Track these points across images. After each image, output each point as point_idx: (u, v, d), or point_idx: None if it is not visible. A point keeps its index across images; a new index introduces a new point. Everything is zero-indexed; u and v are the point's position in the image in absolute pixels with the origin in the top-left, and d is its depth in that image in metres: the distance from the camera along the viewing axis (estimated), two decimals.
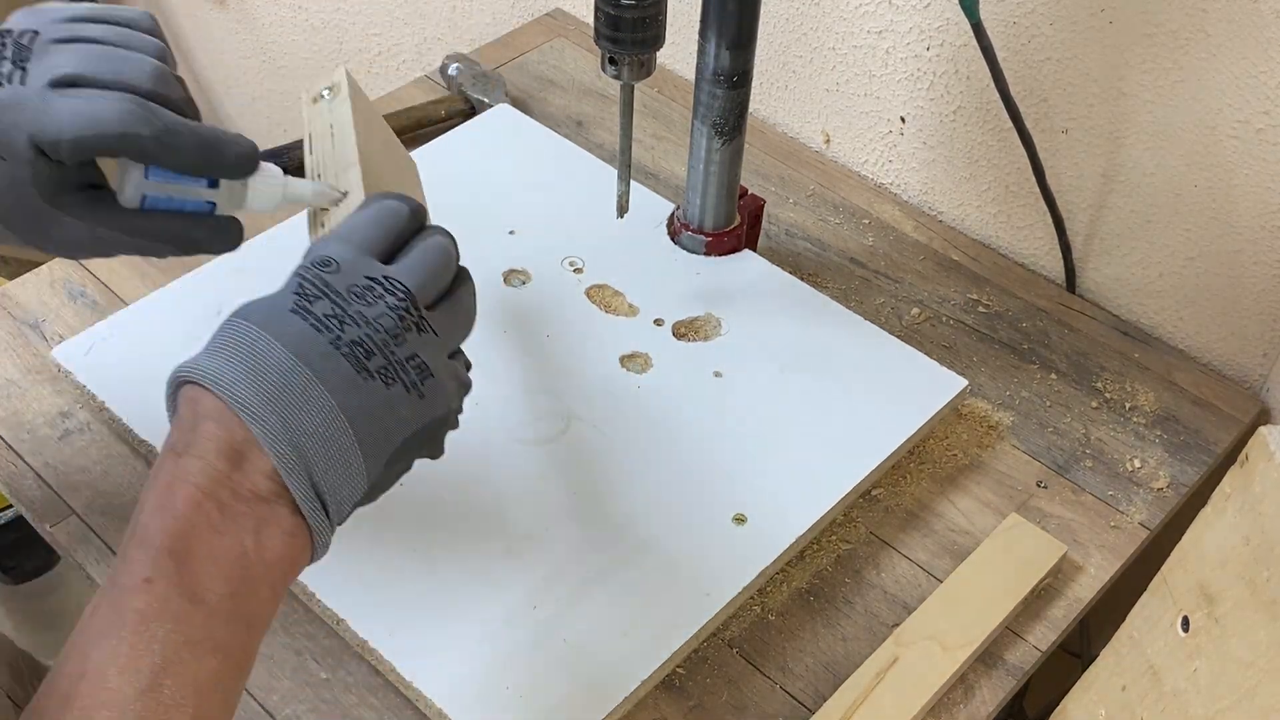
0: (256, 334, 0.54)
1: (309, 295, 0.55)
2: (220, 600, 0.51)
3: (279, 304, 0.55)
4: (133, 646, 0.49)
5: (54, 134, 0.58)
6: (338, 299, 0.55)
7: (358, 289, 0.56)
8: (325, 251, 0.57)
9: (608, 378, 0.90)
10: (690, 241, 0.99)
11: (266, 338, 0.54)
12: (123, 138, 0.59)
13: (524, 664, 0.74)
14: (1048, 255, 1.05)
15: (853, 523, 0.85)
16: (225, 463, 0.52)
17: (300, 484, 0.53)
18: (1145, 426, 0.93)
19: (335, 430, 0.54)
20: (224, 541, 0.51)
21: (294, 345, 0.53)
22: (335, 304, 0.55)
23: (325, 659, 0.76)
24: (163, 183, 0.62)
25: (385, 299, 0.56)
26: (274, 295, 0.56)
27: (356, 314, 0.55)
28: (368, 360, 0.54)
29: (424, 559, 0.79)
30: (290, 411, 0.53)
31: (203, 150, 0.61)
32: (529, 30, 1.26)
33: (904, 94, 1.06)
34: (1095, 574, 0.84)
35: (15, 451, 0.86)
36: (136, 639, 0.49)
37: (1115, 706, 0.68)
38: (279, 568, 0.53)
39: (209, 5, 1.75)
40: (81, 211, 0.62)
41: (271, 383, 0.53)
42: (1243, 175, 0.90)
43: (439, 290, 0.60)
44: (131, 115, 0.59)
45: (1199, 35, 0.87)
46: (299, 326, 0.54)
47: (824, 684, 0.77)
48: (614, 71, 0.82)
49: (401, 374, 0.55)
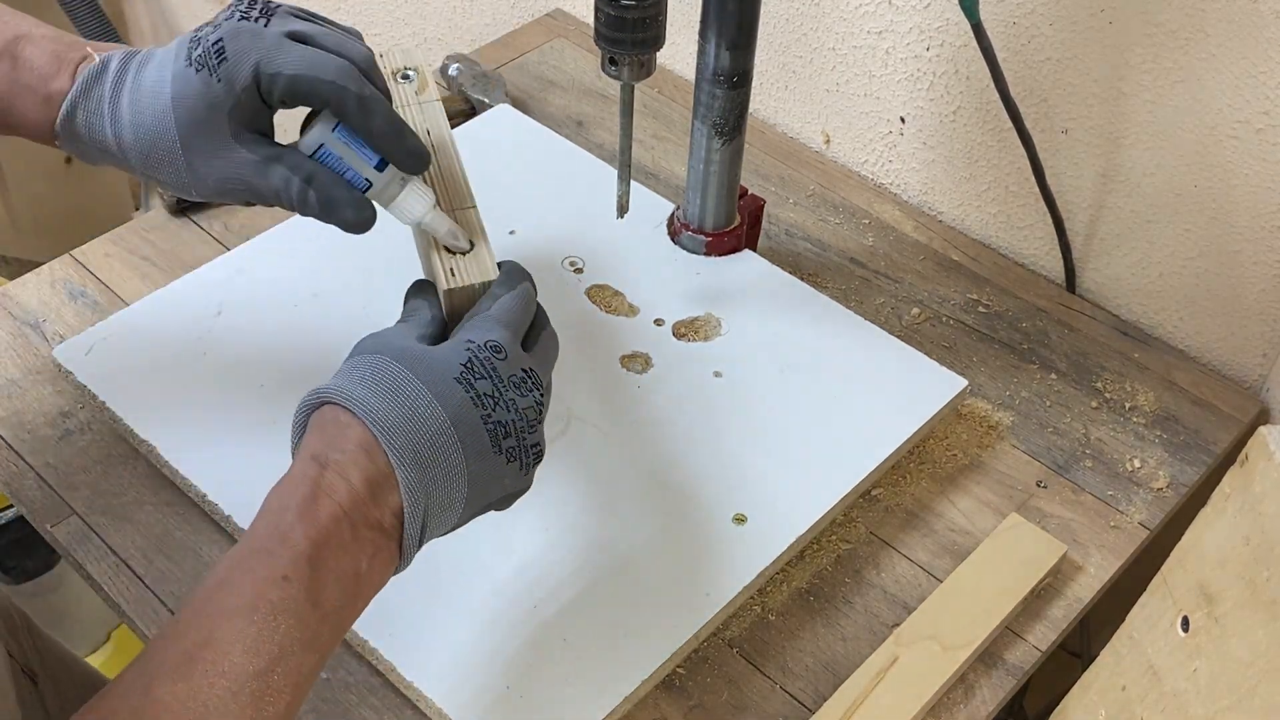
0: (419, 389, 0.60)
1: (476, 372, 0.61)
2: (334, 610, 0.58)
3: (444, 367, 0.61)
4: (260, 631, 0.55)
5: (276, 68, 0.65)
6: (499, 384, 0.62)
7: (516, 379, 0.63)
8: (496, 337, 0.63)
9: (608, 378, 0.90)
10: (690, 241, 0.99)
11: (429, 397, 0.60)
12: (334, 87, 0.65)
13: (524, 664, 0.74)
14: (1048, 255, 1.05)
15: (853, 523, 0.85)
16: (366, 492, 0.59)
17: (415, 530, 0.60)
18: (1145, 426, 0.93)
19: (457, 490, 0.61)
20: (349, 560, 0.58)
21: (453, 412, 0.60)
22: (496, 386, 0.62)
23: None
24: (344, 143, 0.67)
25: (533, 393, 0.63)
26: (437, 353, 0.62)
27: (510, 401, 0.62)
28: (504, 439, 0.62)
29: (424, 559, 0.78)
30: (432, 470, 0.60)
31: (392, 128, 0.66)
32: (529, 30, 1.26)
33: (904, 94, 1.06)
34: (1095, 574, 0.84)
35: (15, 451, 0.86)
36: (264, 626, 0.55)
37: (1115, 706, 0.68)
38: (375, 589, 0.60)
39: (209, 5, 1.75)
40: (257, 146, 0.67)
41: (426, 440, 0.60)
42: (1243, 175, 0.90)
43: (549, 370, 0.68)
44: (346, 72, 0.65)
45: (1199, 35, 0.87)
46: (461, 397, 0.61)
47: (824, 684, 0.77)
48: (614, 72, 0.82)
49: (522, 455, 0.63)
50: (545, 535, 0.80)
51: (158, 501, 0.83)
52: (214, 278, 0.94)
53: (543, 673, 0.74)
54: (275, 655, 0.55)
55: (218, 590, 0.56)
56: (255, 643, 0.55)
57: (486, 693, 0.73)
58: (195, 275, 0.94)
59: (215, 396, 0.85)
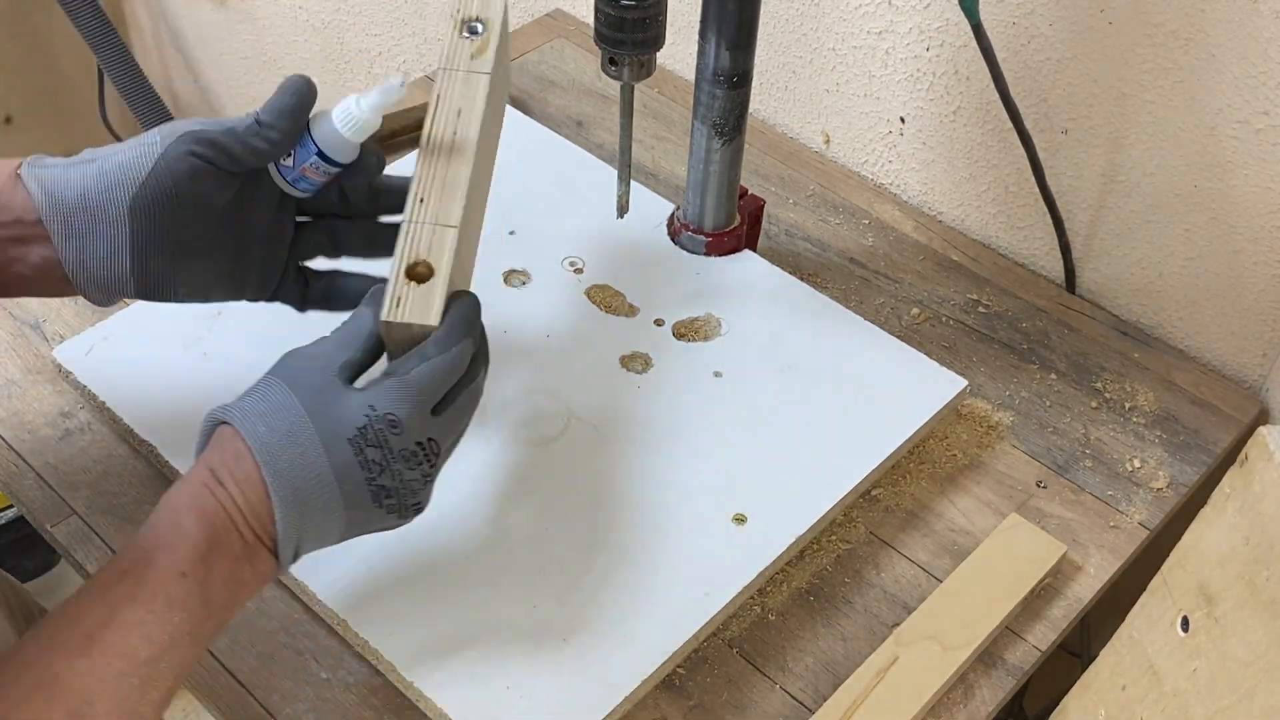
0: (313, 440, 0.63)
1: (368, 439, 0.64)
2: (218, 609, 0.63)
3: (342, 424, 0.64)
4: (156, 620, 0.60)
5: None
6: (389, 455, 0.64)
7: (407, 453, 0.65)
8: (396, 412, 0.64)
9: (608, 378, 0.90)
10: (690, 241, 0.99)
11: (320, 450, 0.63)
12: None
13: (524, 664, 0.74)
14: (1048, 255, 1.05)
15: (853, 523, 0.85)
16: (251, 512, 0.63)
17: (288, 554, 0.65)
18: (1145, 426, 0.93)
19: (333, 527, 0.66)
20: (235, 565, 0.63)
21: (339, 469, 0.64)
22: (385, 457, 0.64)
23: (325, 659, 0.76)
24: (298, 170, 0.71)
25: (421, 466, 0.66)
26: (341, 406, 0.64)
27: (396, 471, 0.65)
28: (385, 499, 0.66)
29: (424, 559, 0.79)
30: (310, 512, 0.64)
31: None
32: (529, 30, 1.26)
33: (904, 94, 1.06)
34: (1095, 574, 0.84)
35: (16, 451, 0.86)
36: (161, 617, 0.60)
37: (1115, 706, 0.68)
38: (251, 593, 0.65)
39: (209, 5, 1.75)
40: None
41: (309, 485, 0.63)
42: (1243, 175, 0.90)
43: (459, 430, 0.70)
44: None
45: (1199, 35, 0.87)
46: (349, 458, 0.64)
47: (824, 684, 0.77)
48: (614, 72, 0.82)
49: (401, 510, 0.67)
50: (545, 535, 0.80)
51: (157, 501, 0.83)
52: None
53: (543, 673, 0.74)
54: (166, 644, 0.60)
55: (121, 579, 0.60)
56: (151, 630, 0.59)
57: (486, 693, 0.73)
58: None
59: (215, 396, 0.85)
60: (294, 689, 0.75)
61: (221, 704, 0.74)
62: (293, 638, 0.77)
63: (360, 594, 0.76)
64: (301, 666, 0.76)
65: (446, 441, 0.68)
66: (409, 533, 0.79)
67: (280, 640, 0.77)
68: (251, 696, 0.74)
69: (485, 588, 0.77)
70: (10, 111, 1.91)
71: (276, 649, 0.76)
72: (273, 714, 0.74)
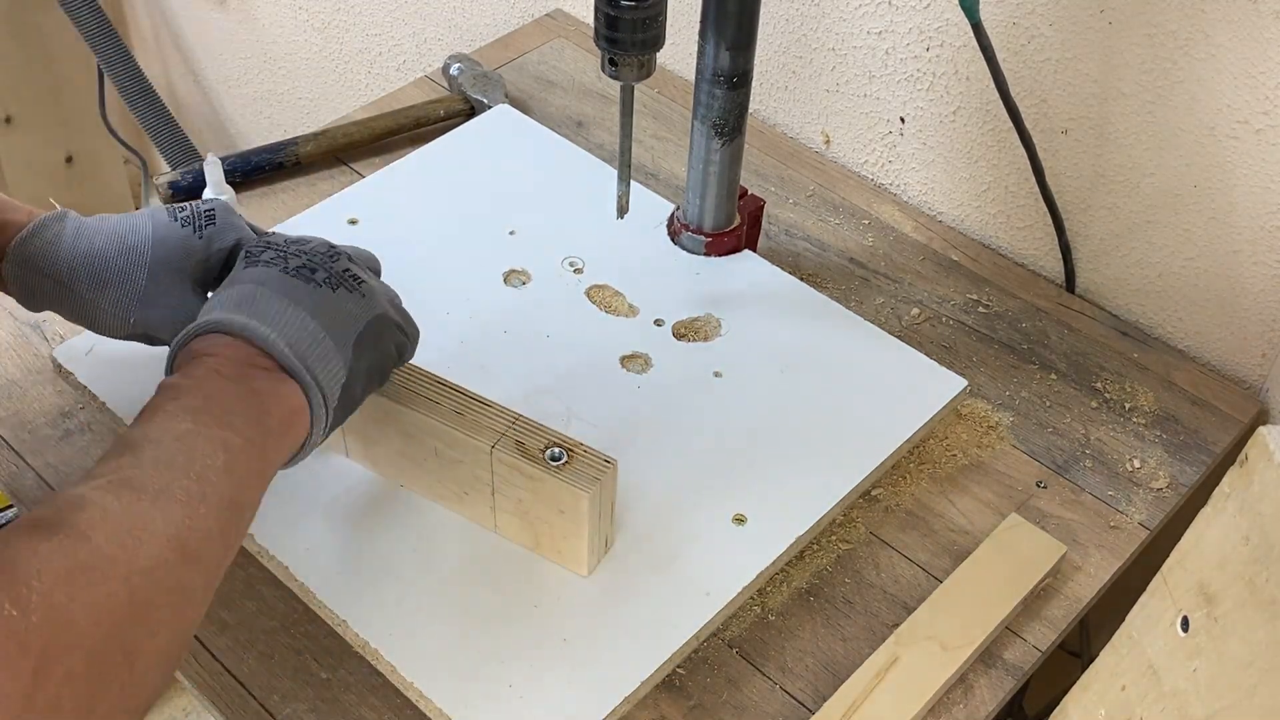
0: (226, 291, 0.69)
1: (254, 255, 0.72)
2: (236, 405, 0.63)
3: (235, 272, 0.71)
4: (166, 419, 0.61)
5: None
6: (279, 248, 0.72)
7: (293, 239, 0.73)
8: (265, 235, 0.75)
9: (608, 378, 0.90)
10: (690, 242, 0.99)
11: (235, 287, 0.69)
12: None
13: (524, 663, 0.74)
14: (1048, 255, 1.05)
15: (853, 523, 0.85)
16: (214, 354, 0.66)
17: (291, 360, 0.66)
18: (1145, 426, 0.93)
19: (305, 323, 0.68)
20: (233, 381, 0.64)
21: (254, 279, 0.70)
22: (278, 251, 0.72)
23: (325, 659, 0.76)
24: None
25: (313, 242, 0.74)
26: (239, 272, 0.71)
27: (296, 251, 0.72)
28: (313, 275, 0.70)
29: (424, 559, 0.79)
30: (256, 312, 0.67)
31: None
32: (529, 31, 1.26)
33: (904, 94, 1.06)
34: (1095, 574, 0.84)
35: (16, 452, 0.86)
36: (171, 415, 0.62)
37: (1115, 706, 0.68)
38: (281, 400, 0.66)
39: (209, 5, 1.75)
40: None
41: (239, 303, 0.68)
42: (1242, 175, 0.90)
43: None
44: None
45: (1199, 35, 0.87)
46: (256, 272, 0.70)
47: (824, 684, 0.77)
48: (614, 72, 0.82)
49: (342, 282, 0.71)
50: None
51: None
52: None
53: (543, 673, 0.74)
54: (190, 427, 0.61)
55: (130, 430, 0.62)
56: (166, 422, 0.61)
57: (486, 693, 0.73)
58: None
59: None
60: (294, 689, 0.75)
61: (221, 704, 0.74)
62: (293, 638, 0.77)
63: (360, 594, 0.76)
64: (301, 666, 0.76)
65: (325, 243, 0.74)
66: (409, 533, 0.80)
67: (280, 640, 0.77)
68: (251, 696, 0.74)
69: (485, 588, 0.77)
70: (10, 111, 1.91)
71: (276, 649, 0.76)
72: (273, 714, 0.74)
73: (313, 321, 0.68)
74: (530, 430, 0.75)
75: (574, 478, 0.73)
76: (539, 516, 0.76)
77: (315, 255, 0.72)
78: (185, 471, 0.58)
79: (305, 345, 0.67)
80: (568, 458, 0.74)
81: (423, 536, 0.80)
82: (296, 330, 0.67)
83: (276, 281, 0.69)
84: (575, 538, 0.76)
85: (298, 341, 0.67)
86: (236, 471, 0.61)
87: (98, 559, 0.52)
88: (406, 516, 0.80)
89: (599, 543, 0.77)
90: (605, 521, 0.77)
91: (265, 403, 0.65)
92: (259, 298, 0.68)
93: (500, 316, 0.93)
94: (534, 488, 0.75)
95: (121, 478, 0.57)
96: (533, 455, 0.74)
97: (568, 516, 0.75)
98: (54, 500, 0.55)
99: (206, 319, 0.67)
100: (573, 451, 0.74)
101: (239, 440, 0.62)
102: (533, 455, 0.74)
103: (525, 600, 0.77)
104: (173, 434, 0.60)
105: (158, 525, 0.55)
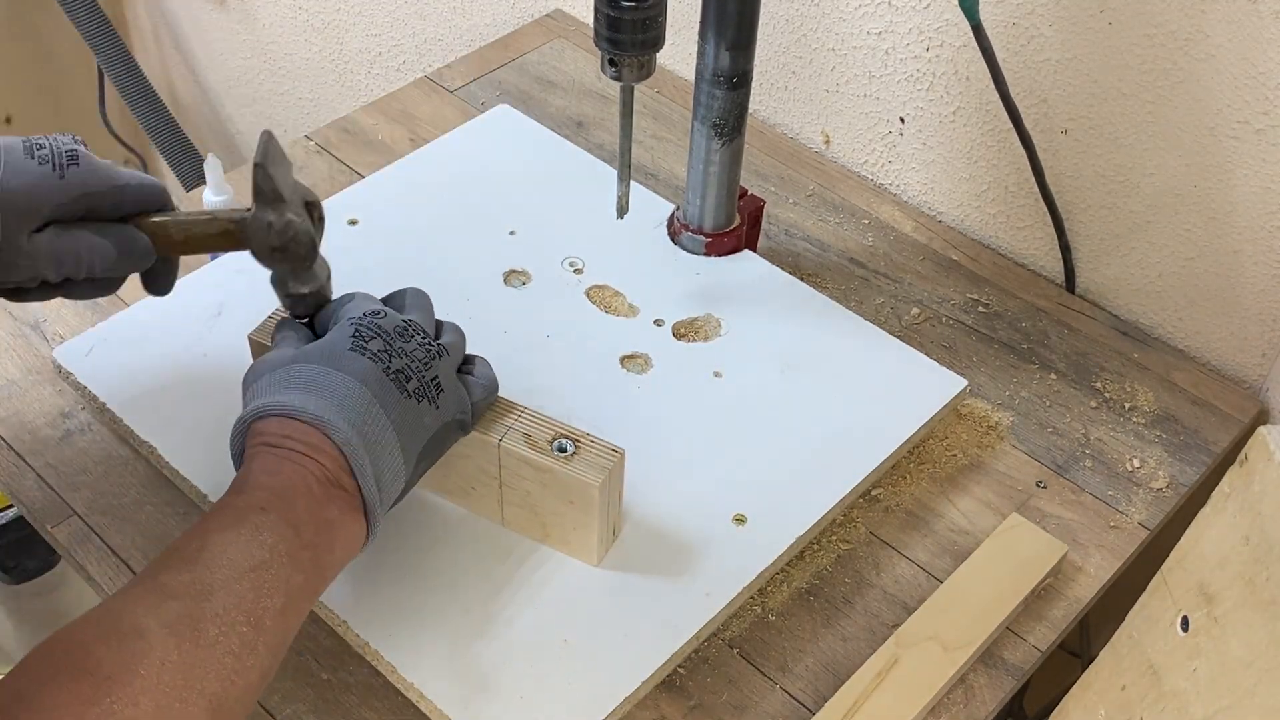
0: (325, 370, 0.67)
1: (365, 337, 0.69)
2: (311, 541, 0.63)
3: (337, 346, 0.69)
4: (248, 539, 0.61)
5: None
6: (387, 338, 0.69)
7: (400, 328, 0.70)
8: (372, 306, 0.72)
9: (608, 378, 0.90)
10: (690, 242, 0.99)
11: (334, 371, 0.67)
12: None
13: (524, 664, 0.74)
14: (1048, 255, 1.05)
15: (853, 523, 0.85)
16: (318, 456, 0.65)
17: (365, 476, 0.66)
18: (1145, 426, 0.93)
19: (387, 437, 0.67)
20: (317, 506, 0.64)
21: (359, 375, 0.67)
22: (386, 342, 0.69)
23: (325, 659, 0.76)
24: None
25: (416, 337, 0.71)
26: (325, 340, 0.70)
27: (400, 349, 0.69)
28: (406, 383, 0.69)
29: (424, 560, 0.79)
30: (357, 424, 0.66)
31: None
32: (529, 31, 1.26)
33: (904, 94, 1.06)
34: (1095, 574, 0.84)
35: (16, 452, 0.86)
36: (252, 535, 0.61)
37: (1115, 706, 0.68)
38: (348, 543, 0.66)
39: (209, 5, 1.75)
40: None
41: (343, 399, 0.66)
42: (1243, 175, 0.90)
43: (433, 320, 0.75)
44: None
45: (1199, 36, 0.87)
46: (361, 363, 0.68)
47: (824, 684, 0.77)
48: (614, 73, 0.82)
49: (426, 393, 0.69)
50: None
51: (158, 501, 0.83)
52: (214, 278, 0.94)
53: (543, 673, 0.74)
54: (265, 559, 0.60)
55: (202, 523, 0.62)
56: (246, 547, 0.60)
57: (486, 693, 0.73)
58: (195, 275, 0.94)
59: (215, 396, 0.85)
60: (294, 689, 0.75)
61: None
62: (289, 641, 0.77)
63: (360, 595, 0.77)
64: (301, 666, 0.76)
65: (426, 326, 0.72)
66: (409, 533, 0.80)
67: None
68: None
69: (485, 588, 0.77)
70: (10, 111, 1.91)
71: None
72: (273, 714, 0.74)
73: (396, 442, 0.68)
74: (536, 422, 0.76)
75: (583, 467, 0.74)
76: (548, 508, 0.76)
77: (414, 359, 0.69)
78: (247, 617, 0.59)
79: (387, 476, 0.67)
80: (575, 448, 0.74)
81: (422, 536, 0.80)
82: (387, 458, 0.67)
83: (377, 384, 0.67)
84: (585, 528, 0.76)
85: (382, 471, 0.67)
86: (289, 614, 0.62)
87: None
88: (407, 516, 0.80)
89: (608, 532, 0.78)
90: (614, 510, 0.78)
91: (334, 536, 0.65)
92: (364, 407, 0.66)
93: (500, 316, 0.93)
94: (543, 479, 0.75)
95: (192, 616, 0.57)
96: (540, 447, 0.74)
97: (578, 506, 0.75)
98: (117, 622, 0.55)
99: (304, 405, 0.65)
100: (579, 442, 0.75)
101: (300, 579, 0.62)
102: (540, 447, 0.74)
103: (526, 601, 0.77)
104: (247, 564, 0.60)
105: (207, 685, 0.56)
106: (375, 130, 1.13)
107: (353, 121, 1.14)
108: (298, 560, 0.62)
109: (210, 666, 0.56)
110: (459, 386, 0.72)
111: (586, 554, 0.78)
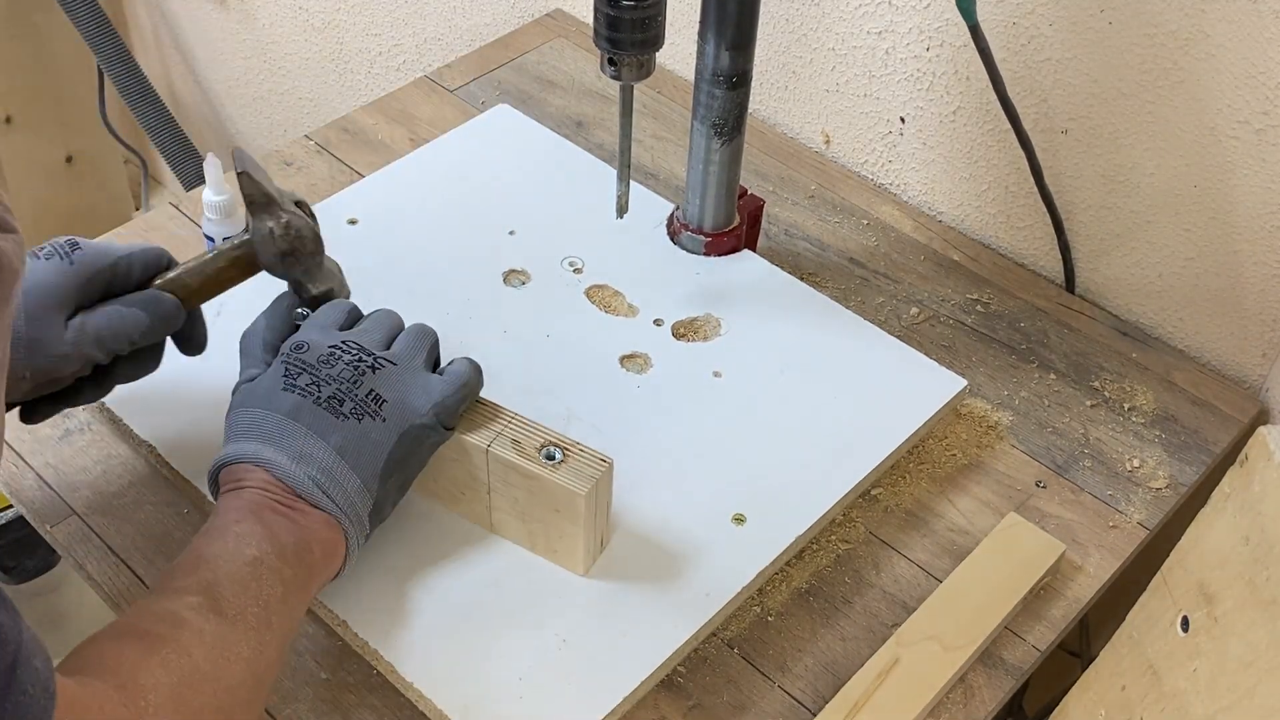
0: (262, 414, 0.72)
1: (293, 375, 0.73)
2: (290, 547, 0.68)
3: (273, 387, 0.73)
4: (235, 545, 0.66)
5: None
6: (312, 370, 0.73)
7: (325, 356, 0.73)
8: (300, 337, 0.75)
9: (608, 378, 0.90)
10: (690, 241, 0.99)
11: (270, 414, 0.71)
12: None
13: (524, 664, 0.74)
14: (1047, 255, 1.05)
15: (853, 523, 0.85)
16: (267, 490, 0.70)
17: (317, 498, 0.70)
18: (1144, 426, 0.93)
19: (331, 460, 0.70)
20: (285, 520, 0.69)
21: (290, 412, 0.71)
22: (312, 374, 0.73)
23: (325, 659, 0.76)
24: None
25: (343, 358, 0.73)
26: (266, 378, 0.74)
27: (327, 376, 0.72)
28: (341, 406, 0.72)
29: (424, 560, 0.79)
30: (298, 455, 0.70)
31: None
32: (529, 30, 1.26)
33: (904, 94, 1.06)
34: (1094, 574, 0.84)
35: (15, 451, 0.86)
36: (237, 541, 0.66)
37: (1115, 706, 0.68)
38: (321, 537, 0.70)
39: (209, 5, 1.75)
40: None
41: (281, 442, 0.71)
42: (1243, 175, 0.90)
43: (390, 333, 0.76)
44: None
45: (1199, 35, 0.87)
46: (291, 399, 0.72)
47: (824, 684, 0.77)
48: (613, 72, 0.82)
49: (366, 409, 0.72)
50: None
51: (157, 501, 0.83)
52: None
53: (543, 673, 0.74)
54: (256, 555, 0.66)
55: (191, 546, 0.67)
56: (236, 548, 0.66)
57: (486, 693, 0.73)
58: None
59: (215, 396, 0.85)
60: (294, 689, 0.75)
61: None
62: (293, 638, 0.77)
63: (360, 595, 0.76)
64: (301, 666, 0.76)
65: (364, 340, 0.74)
66: (409, 533, 0.80)
67: None
68: None
69: (485, 588, 0.77)
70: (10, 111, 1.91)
71: None
72: (272, 714, 0.74)
73: (342, 463, 0.71)
74: (526, 429, 0.75)
75: (570, 476, 0.73)
76: (535, 515, 0.76)
77: (343, 382, 0.72)
78: (255, 600, 0.65)
79: (349, 491, 0.71)
80: (563, 456, 0.74)
81: (422, 536, 0.80)
82: (340, 478, 0.70)
83: (310, 416, 0.71)
84: (571, 537, 0.76)
85: (341, 490, 0.70)
86: (289, 604, 0.67)
87: (198, 675, 0.60)
88: (405, 516, 0.80)
89: (595, 542, 0.77)
90: (601, 520, 0.77)
91: (309, 539, 0.69)
92: (299, 441, 0.70)
93: (500, 316, 0.93)
94: (530, 486, 0.75)
95: (210, 600, 0.63)
96: (529, 454, 0.74)
97: (564, 515, 0.75)
98: (150, 611, 0.63)
99: (245, 450, 0.71)
100: (568, 450, 0.74)
101: (290, 572, 0.67)
102: (529, 454, 0.74)
103: (525, 600, 0.77)
104: (244, 558, 0.66)
105: (241, 649, 0.63)
106: (375, 130, 1.13)
107: (353, 121, 1.14)
108: (284, 556, 0.67)
109: (239, 636, 0.63)
110: (417, 390, 0.73)
111: (573, 563, 0.78)
